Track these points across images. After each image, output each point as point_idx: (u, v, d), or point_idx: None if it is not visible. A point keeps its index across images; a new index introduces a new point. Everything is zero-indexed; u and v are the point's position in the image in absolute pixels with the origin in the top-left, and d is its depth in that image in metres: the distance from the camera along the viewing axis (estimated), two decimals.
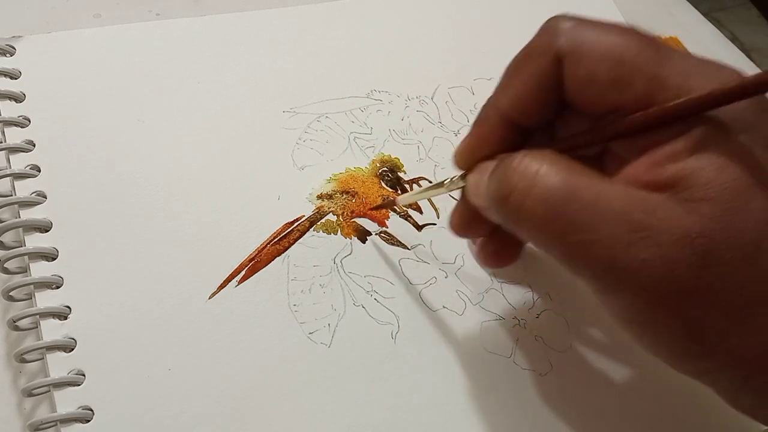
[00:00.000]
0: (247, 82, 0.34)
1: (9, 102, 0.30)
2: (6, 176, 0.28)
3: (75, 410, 0.24)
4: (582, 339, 0.30)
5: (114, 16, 0.36)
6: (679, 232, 0.18)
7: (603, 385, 0.29)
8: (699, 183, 0.18)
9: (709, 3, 1.40)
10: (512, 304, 0.30)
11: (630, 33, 0.20)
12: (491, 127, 0.23)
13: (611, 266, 0.18)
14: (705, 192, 0.18)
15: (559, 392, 0.28)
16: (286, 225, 0.30)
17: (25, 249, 0.26)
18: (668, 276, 0.18)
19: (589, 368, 0.29)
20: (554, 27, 0.21)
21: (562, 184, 0.19)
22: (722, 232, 0.17)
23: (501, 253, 0.26)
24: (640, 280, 0.18)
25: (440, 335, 0.28)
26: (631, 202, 0.18)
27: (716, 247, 0.17)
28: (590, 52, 0.20)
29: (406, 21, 0.38)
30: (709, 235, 0.17)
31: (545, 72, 0.21)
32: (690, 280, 0.18)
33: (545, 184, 0.19)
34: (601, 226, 0.18)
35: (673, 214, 0.18)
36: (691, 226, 0.18)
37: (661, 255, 0.18)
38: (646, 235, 0.18)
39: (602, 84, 0.20)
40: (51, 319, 0.25)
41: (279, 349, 0.27)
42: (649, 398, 0.28)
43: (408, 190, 0.32)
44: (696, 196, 0.18)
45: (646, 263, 0.18)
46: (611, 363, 0.29)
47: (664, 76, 0.19)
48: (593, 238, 0.18)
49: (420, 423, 0.26)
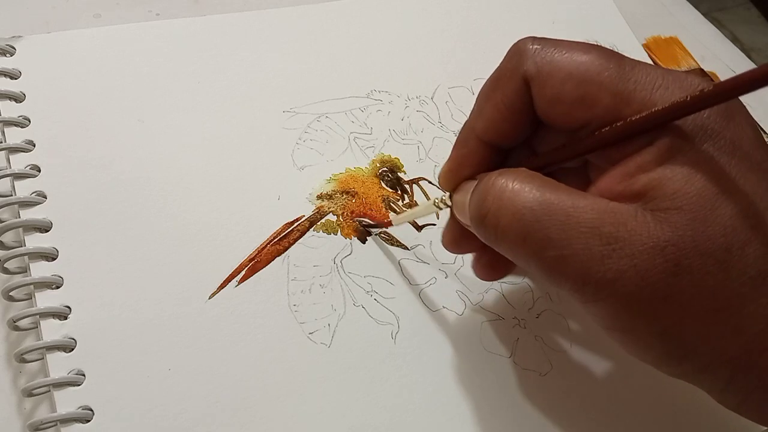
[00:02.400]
0: (247, 82, 0.34)
1: (9, 102, 0.30)
2: (6, 176, 0.28)
3: (75, 410, 0.24)
4: (582, 339, 0.30)
5: (114, 16, 0.36)
6: (649, 242, 0.18)
7: (603, 385, 0.29)
8: (667, 193, 0.18)
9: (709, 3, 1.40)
10: (512, 304, 0.30)
11: (594, 50, 0.21)
12: (470, 149, 0.24)
13: (587, 278, 0.19)
14: (673, 202, 0.18)
15: (559, 392, 0.28)
16: (286, 225, 0.30)
17: (25, 249, 0.26)
18: (642, 285, 0.18)
19: (589, 368, 0.29)
20: (521, 50, 0.22)
21: (535, 201, 0.20)
22: (691, 240, 0.18)
23: (494, 265, 0.26)
24: (616, 290, 0.19)
25: (440, 335, 0.28)
26: (602, 216, 0.19)
27: (686, 255, 0.18)
28: (555, 72, 0.21)
29: (406, 21, 0.38)
30: (678, 244, 0.18)
31: (515, 95, 0.22)
32: (663, 287, 0.18)
33: (518, 202, 0.20)
34: (574, 240, 0.19)
35: (643, 224, 0.18)
36: (660, 236, 0.18)
37: (633, 265, 0.18)
38: (619, 246, 0.18)
39: (569, 102, 0.20)
40: (51, 319, 0.25)
41: (279, 349, 0.27)
42: (649, 398, 0.28)
43: (408, 190, 0.32)
44: (664, 205, 0.18)
45: (620, 273, 0.18)
46: (611, 363, 0.29)
47: (629, 91, 0.20)
48: (568, 252, 0.19)
49: (420, 423, 0.26)
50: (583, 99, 0.20)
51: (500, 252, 0.22)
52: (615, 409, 0.28)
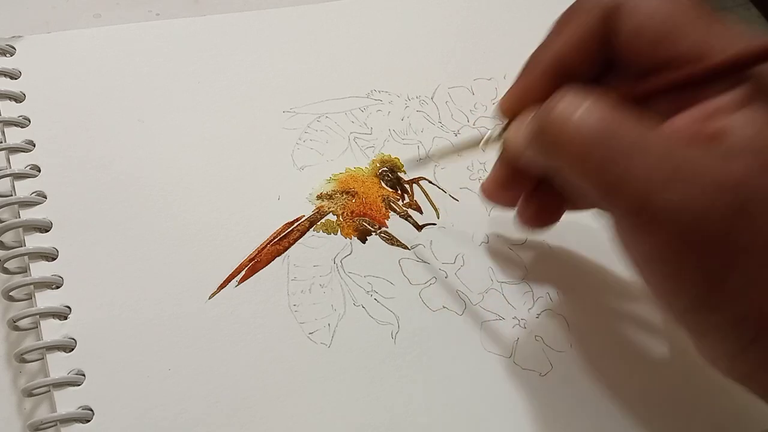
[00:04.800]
0: (247, 82, 0.34)
1: (9, 102, 0.30)
2: (6, 176, 0.28)
3: (75, 410, 0.24)
4: (582, 339, 0.30)
5: (114, 16, 0.36)
6: (717, 179, 0.18)
7: (603, 385, 0.29)
8: (743, 136, 0.18)
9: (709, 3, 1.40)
10: (512, 304, 0.30)
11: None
12: (535, 77, 0.23)
13: (646, 204, 0.18)
14: (747, 145, 0.18)
15: (559, 392, 0.28)
16: (286, 225, 0.30)
17: (25, 249, 0.26)
18: (701, 220, 0.18)
19: (589, 368, 0.29)
20: None
21: (607, 116, 0.19)
22: (760, 185, 0.18)
23: (542, 213, 0.26)
24: (674, 221, 0.18)
25: (440, 335, 0.28)
26: (673, 145, 0.18)
27: (751, 200, 0.18)
28: (641, 7, 0.21)
29: (406, 21, 0.38)
30: (748, 185, 0.18)
31: (594, 24, 0.22)
32: (722, 227, 0.18)
33: (589, 114, 0.19)
34: (640, 162, 0.18)
35: (714, 162, 0.18)
36: (729, 175, 0.18)
37: (697, 198, 0.18)
38: (685, 177, 0.18)
39: (652, 38, 0.20)
40: (51, 319, 0.25)
41: (279, 349, 0.27)
42: (649, 398, 0.28)
43: (408, 190, 0.32)
44: (737, 149, 0.18)
45: (681, 204, 0.18)
46: (611, 363, 0.29)
47: (712, 34, 0.19)
48: (632, 173, 0.18)
49: (419, 423, 0.26)
50: (667, 36, 0.20)
51: (552, 169, 0.21)
52: (615, 409, 0.28)
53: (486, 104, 0.36)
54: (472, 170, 0.34)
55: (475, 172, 0.34)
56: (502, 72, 0.37)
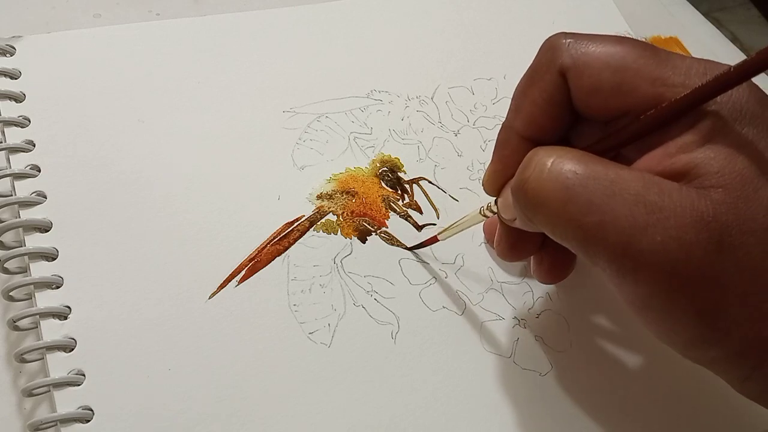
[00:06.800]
0: (247, 82, 0.34)
1: (9, 102, 0.30)
2: (6, 176, 0.28)
3: (75, 410, 0.24)
4: (582, 339, 0.30)
5: (114, 16, 0.36)
6: (694, 214, 0.18)
7: (603, 385, 0.29)
8: (710, 171, 0.18)
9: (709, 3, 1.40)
10: (512, 304, 0.30)
11: (627, 41, 0.21)
12: (512, 148, 0.24)
13: (628, 248, 0.18)
14: (716, 180, 0.18)
15: (559, 392, 0.28)
16: (286, 225, 0.30)
17: (25, 249, 0.26)
18: (685, 259, 0.18)
19: (589, 368, 0.29)
20: (555, 45, 0.22)
21: (579, 167, 0.19)
22: (735, 218, 0.18)
23: (555, 268, 0.27)
24: (657, 263, 0.18)
25: (440, 335, 0.28)
26: (647, 185, 0.19)
27: (729, 232, 0.18)
28: (592, 62, 0.21)
29: (406, 21, 0.38)
30: (722, 220, 0.18)
31: (552, 88, 0.22)
32: (706, 264, 0.18)
33: (563, 167, 0.20)
34: (617, 206, 0.18)
35: (688, 197, 0.18)
36: (705, 210, 0.18)
37: (677, 237, 0.18)
38: (663, 216, 0.18)
39: (607, 91, 0.20)
40: (51, 319, 0.25)
41: (279, 349, 0.27)
42: (649, 398, 0.28)
43: (408, 190, 0.32)
44: (707, 183, 0.18)
45: (663, 245, 0.18)
46: (611, 363, 0.29)
47: (666, 76, 0.20)
48: (610, 218, 0.18)
49: (420, 423, 0.26)
50: (621, 86, 0.20)
51: (535, 227, 0.21)
52: (615, 409, 0.28)
53: (486, 104, 0.36)
54: (472, 170, 0.34)
55: (475, 172, 0.34)
56: (502, 72, 0.37)
